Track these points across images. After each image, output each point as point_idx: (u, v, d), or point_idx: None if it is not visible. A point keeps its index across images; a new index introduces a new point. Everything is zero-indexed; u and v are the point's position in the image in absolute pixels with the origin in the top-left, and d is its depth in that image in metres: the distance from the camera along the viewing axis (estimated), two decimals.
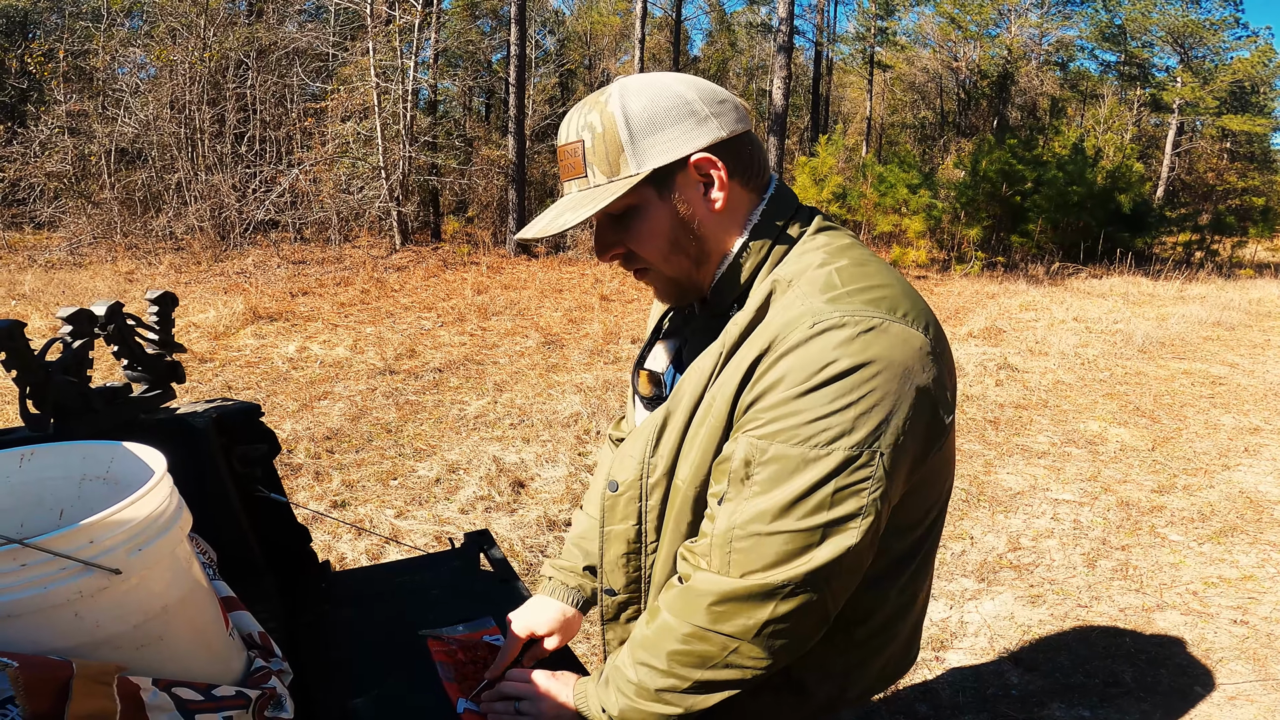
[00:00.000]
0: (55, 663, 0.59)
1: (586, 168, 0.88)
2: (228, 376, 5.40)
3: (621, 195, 0.85)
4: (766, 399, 0.80)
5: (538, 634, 1.09)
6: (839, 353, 0.76)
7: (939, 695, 2.34)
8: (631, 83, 0.89)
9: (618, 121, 0.86)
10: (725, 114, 0.88)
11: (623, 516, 0.96)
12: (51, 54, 12.63)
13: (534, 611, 1.11)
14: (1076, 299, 9.70)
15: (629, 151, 0.86)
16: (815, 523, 0.78)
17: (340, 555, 3.03)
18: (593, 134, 0.87)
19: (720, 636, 0.82)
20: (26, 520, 0.88)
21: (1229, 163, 22.93)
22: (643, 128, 0.86)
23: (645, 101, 0.86)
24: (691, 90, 0.87)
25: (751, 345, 0.83)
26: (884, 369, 0.77)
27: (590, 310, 7.99)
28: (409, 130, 12.11)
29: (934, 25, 22.48)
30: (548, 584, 1.14)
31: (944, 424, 0.85)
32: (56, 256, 10.22)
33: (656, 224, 0.89)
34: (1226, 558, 3.21)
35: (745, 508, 0.80)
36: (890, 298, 0.81)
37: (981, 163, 13.00)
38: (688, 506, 0.90)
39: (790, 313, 0.81)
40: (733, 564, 0.81)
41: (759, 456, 0.79)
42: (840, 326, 0.77)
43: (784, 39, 13.46)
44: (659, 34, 20.22)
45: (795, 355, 0.78)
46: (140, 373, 1.23)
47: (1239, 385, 5.89)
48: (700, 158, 0.86)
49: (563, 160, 0.91)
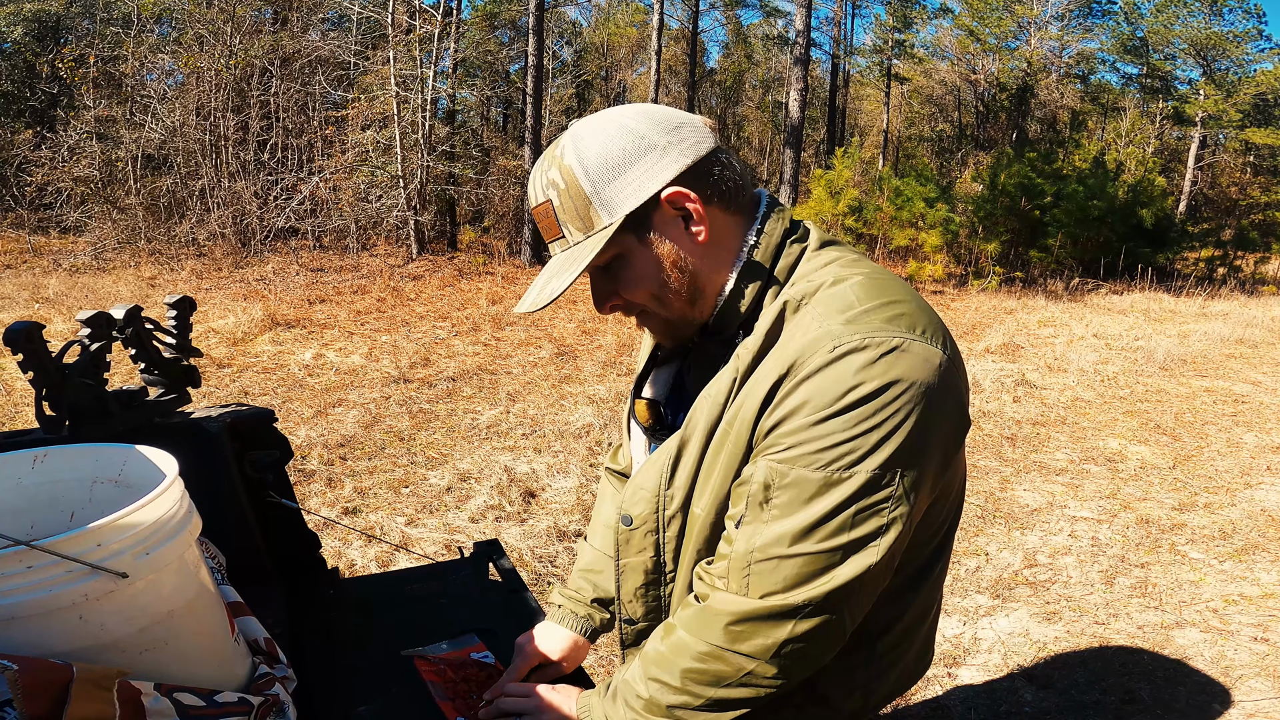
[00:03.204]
0: (55, 666, 0.59)
1: (561, 227, 0.86)
2: (245, 382, 5.45)
3: (601, 249, 0.82)
4: (788, 424, 0.78)
5: (549, 659, 1.09)
6: (861, 376, 0.75)
7: (951, 712, 2.31)
8: (582, 129, 0.85)
9: (577, 174, 0.83)
10: (684, 139, 0.84)
11: (639, 549, 0.94)
12: (82, 59, 12.85)
13: (544, 637, 1.11)
14: (1096, 315, 9.60)
15: (596, 203, 0.83)
16: (836, 544, 0.77)
17: (350, 562, 3.03)
18: (557, 192, 0.84)
19: (737, 656, 0.81)
20: (38, 522, 0.88)
21: (1252, 177, 22.67)
22: (603, 175, 0.82)
23: (599, 147, 0.83)
24: (644, 122, 0.84)
25: (769, 368, 0.81)
26: (906, 390, 0.76)
27: (604, 322, 8.00)
28: (427, 139, 12.22)
29: (952, 38, 22.44)
30: (557, 611, 1.15)
31: (962, 438, 0.84)
32: (81, 261, 10.37)
33: (643, 269, 0.86)
34: (1248, 575, 3.15)
35: (765, 530, 0.79)
36: (908, 314, 0.80)
37: (1000, 176, 12.91)
38: (707, 533, 0.88)
39: (808, 335, 0.79)
40: (751, 585, 0.80)
41: (779, 480, 0.78)
42: (862, 349, 0.76)
43: (800, 51, 13.48)
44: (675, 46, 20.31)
45: (817, 380, 0.76)
46: (157, 376, 1.24)
47: (1261, 403, 5.80)
48: (670, 193, 0.83)
49: (539, 222, 0.88)
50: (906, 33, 23.09)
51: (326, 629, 1.21)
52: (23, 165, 12.45)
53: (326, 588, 1.34)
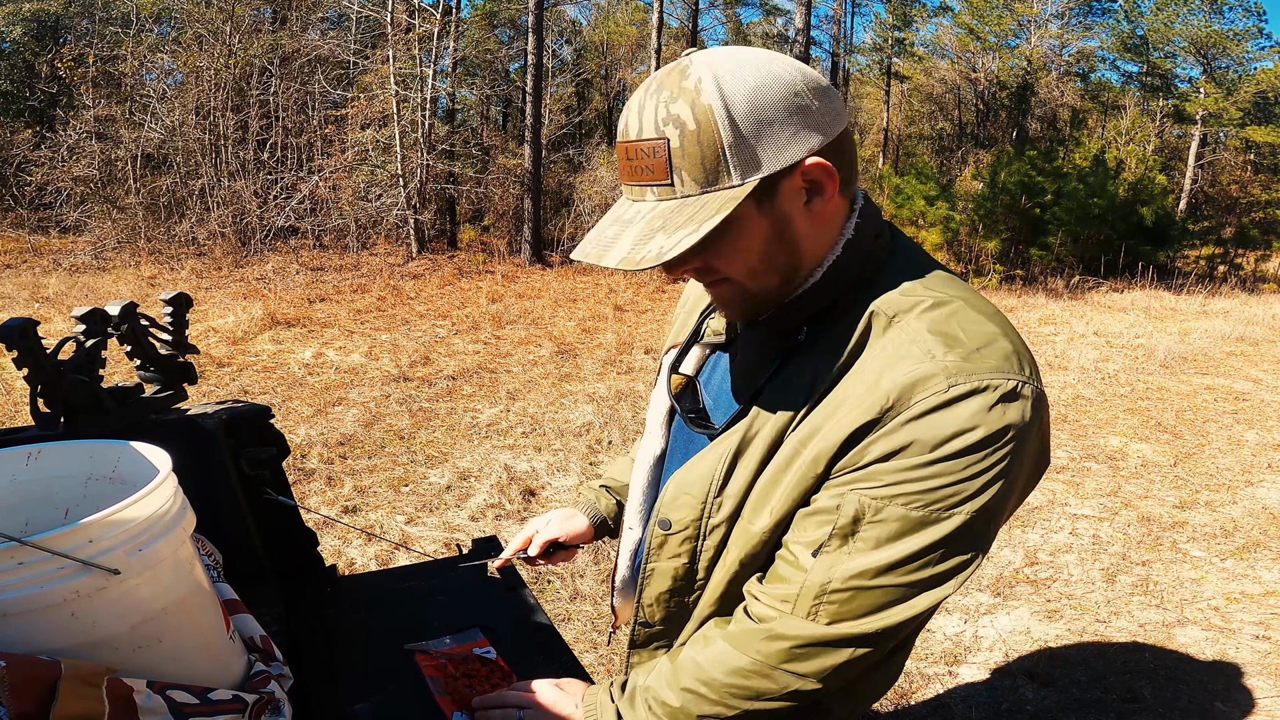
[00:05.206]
0: (43, 662, 0.58)
1: (672, 173, 0.72)
2: (245, 381, 5.44)
3: (727, 213, 0.71)
4: (890, 462, 0.73)
5: (553, 536, 1.23)
6: (977, 420, 0.71)
7: (952, 710, 2.31)
8: (724, 63, 0.71)
9: (717, 118, 0.70)
10: (831, 107, 0.74)
11: (673, 554, 0.89)
12: (81, 59, 12.85)
13: (555, 513, 1.27)
14: (1097, 313, 9.59)
15: (732, 157, 0.71)
16: (919, 578, 0.75)
17: (350, 560, 3.03)
18: (682, 131, 0.71)
19: (788, 675, 0.79)
20: (32, 518, 0.88)
21: (1253, 175, 22.64)
22: (750, 127, 0.70)
23: (749, 92, 0.70)
24: (797, 75, 0.73)
25: (860, 393, 0.74)
26: (1017, 435, 0.73)
27: (604, 320, 7.99)
28: (427, 138, 12.21)
29: (952, 36, 22.42)
30: (577, 497, 1.31)
31: (1045, 467, 0.82)
32: (81, 260, 10.37)
33: (751, 239, 0.76)
34: (1249, 573, 3.15)
35: (849, 562, 0.76)
36: (1016, 351, 0.75)
37: (1000, 174, 12.89)
38: (759, 550, 0.83)
39: (915, 366, 0.73)
40: (822, 613, 0.77)
41: (871, 515, 0.74)
42: (981, 391, 0.71)
43: (800, 50, 13.46)
44: (675, 44, 20.28)
45: (929, 421, 0.71)
46: (152, 373, 1.24)
47: (1263, 401, 5.79)
48: (813, 163, 0.73)
49: (633, 160, 0.74)
50: (906, 31, 23.06)
51: (323, 626, 1.20)
52: (22, 165, 12.44)
53: (324, 585, 1.34)
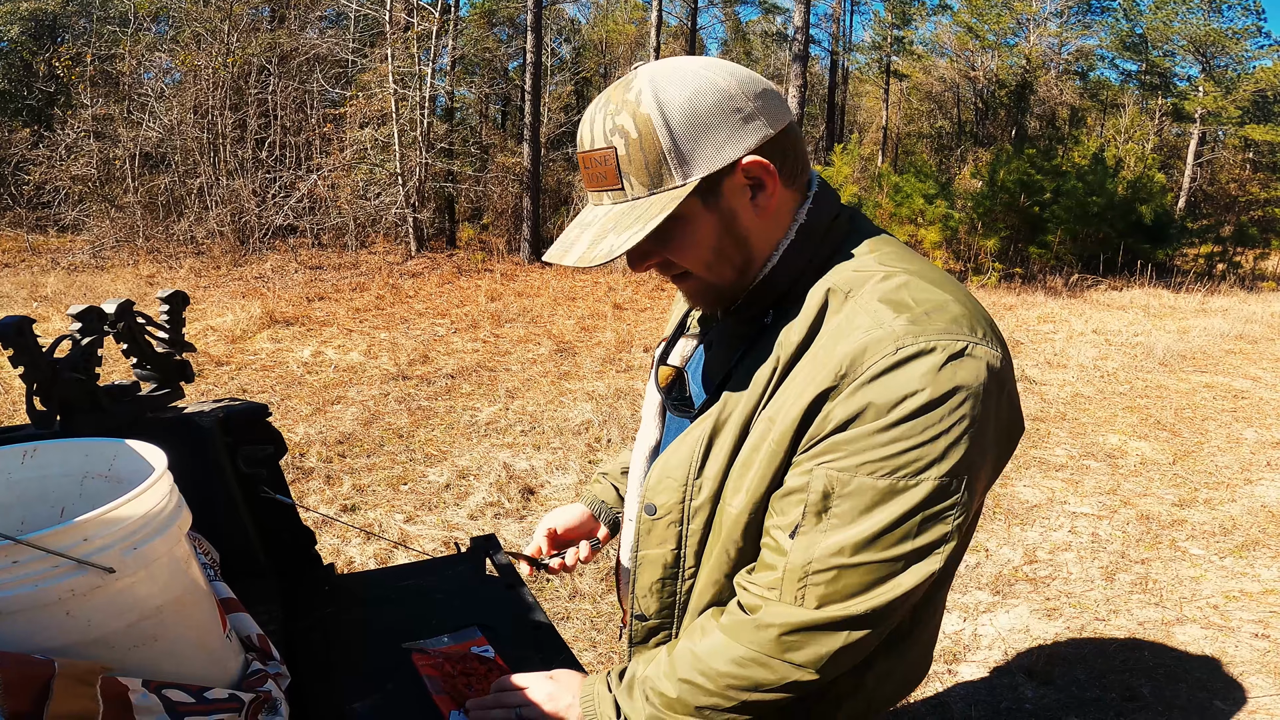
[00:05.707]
0: (37, 661, 0.58)
1: (621, 178, 0.79)
2: (243, 380, 5.44)
3: (670, 211, 0.77)
4: (848, 430, 0.75)
5: (555, 530, 1.24)
6: (927, 381, 0.72)
7: (951, 709, 2.30)
8: (661, 76, 0.78)
9: (655, 125, 0.76)
10: (770, 106, 0.80)
11: (660, 541, 0.90)
12: (79, 58, 12.82)
13: (560, 510, 1.29)
14: (1096, 311, 9.59)
15: (671, 160, 0.77)
16: (900, 552, 0.75)
17: (349, 559, 3.03)
18: (626, 140, 0.78)
19: (785, 664, 0.79)
20: (27, 517, 0.88)
21: (1251, 173, 22.63)
22: (685, 132, 0.77)
23: (684, 100, 0.77)
24: (732, 81, 0.79)
25: (816, 365, 0.77)
26: (972, 394, 0.73)
27: (603, 318, 7.98)
28: (426, 137, 12.19)
29: (951, 34, 22.41)
30: (585, 491, 1.32)
31: (1017, 439, 0.83)
32: (79, 259, 10.35)
33: (701, 234, 0.82)
34: (1248, 571, 3.15)
35: (825, 540, 0.76)
36: (968, 315, 0.77)
37: (999, 173, 12.89)
38: (739, 533, 0.84)
39: (865, 334, 0.75)
40: (808, 596, 0.77)
41: (839, 488, 0.75)
42: (928, 352, 0.73)
43: (799, 48, 13.45)
44: (674, 43, 20.27)
45: (880, 384, 0.73)
46: (149, 371, 1.23)
47: (1261, 399, 5.79)
48: (751, 161, 0.78)
49: (589, 168, 0.82)
50: (905, 29, 23.05)
51: (321, 625, 1.20)
52: (20, 164, 12.42)
53: (321, 583, 1.33)
